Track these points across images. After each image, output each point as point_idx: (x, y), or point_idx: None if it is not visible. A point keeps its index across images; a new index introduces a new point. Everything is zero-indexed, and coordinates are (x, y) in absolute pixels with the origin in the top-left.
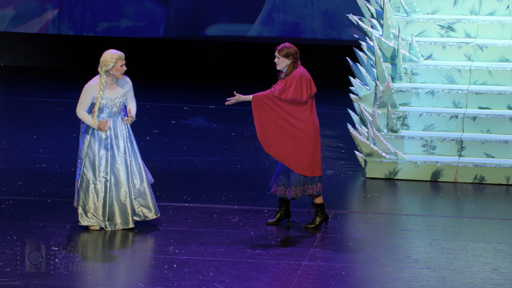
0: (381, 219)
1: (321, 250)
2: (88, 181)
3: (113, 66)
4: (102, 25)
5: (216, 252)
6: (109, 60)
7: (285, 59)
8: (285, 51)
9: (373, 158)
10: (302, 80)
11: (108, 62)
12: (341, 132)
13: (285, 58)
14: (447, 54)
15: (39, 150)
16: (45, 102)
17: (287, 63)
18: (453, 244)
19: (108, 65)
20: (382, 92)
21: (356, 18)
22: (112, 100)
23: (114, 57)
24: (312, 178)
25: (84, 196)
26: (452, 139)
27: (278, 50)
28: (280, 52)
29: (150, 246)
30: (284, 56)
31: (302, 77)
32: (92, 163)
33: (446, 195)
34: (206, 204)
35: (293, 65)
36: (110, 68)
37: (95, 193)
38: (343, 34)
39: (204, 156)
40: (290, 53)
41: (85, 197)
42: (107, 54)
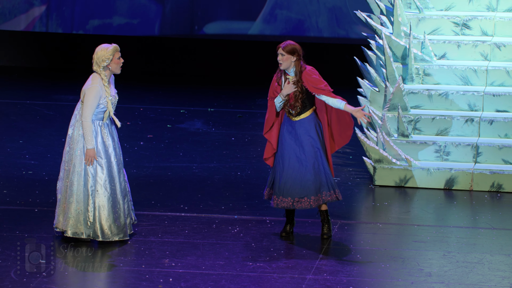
0: (391, 229)
1: (327, 263)
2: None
3: (111, 60)
4: (93, 23)
5: (215, 265)
6: (105, 55)
7: (290, 56)
8: (290, 47)
9: (382, 164)
10: (317, 72)
11: (105, 57)
12: None
13: (290, 55)
14: (462, 53)
15: (25, 156)
16: (32, 105)
17: (293, 61)
18: (469, 256)
19: (106, 60)
20: (392, 94)
21: (365, 15)
22: (115, 98)
23: (110, 50)
24: (333, 182)
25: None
26: (468, 144)
27: (282, 47)
28: (285, 48)
29: (144, 258)
30: (289, 52)
31: (315, 70)
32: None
33: (461, 204)
34: (204, 213)
35: (299, 63)
36: (109, 62)
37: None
38: (350, 32)
39: (202, 163)
40: (295, 50)
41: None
42: (102, 50)
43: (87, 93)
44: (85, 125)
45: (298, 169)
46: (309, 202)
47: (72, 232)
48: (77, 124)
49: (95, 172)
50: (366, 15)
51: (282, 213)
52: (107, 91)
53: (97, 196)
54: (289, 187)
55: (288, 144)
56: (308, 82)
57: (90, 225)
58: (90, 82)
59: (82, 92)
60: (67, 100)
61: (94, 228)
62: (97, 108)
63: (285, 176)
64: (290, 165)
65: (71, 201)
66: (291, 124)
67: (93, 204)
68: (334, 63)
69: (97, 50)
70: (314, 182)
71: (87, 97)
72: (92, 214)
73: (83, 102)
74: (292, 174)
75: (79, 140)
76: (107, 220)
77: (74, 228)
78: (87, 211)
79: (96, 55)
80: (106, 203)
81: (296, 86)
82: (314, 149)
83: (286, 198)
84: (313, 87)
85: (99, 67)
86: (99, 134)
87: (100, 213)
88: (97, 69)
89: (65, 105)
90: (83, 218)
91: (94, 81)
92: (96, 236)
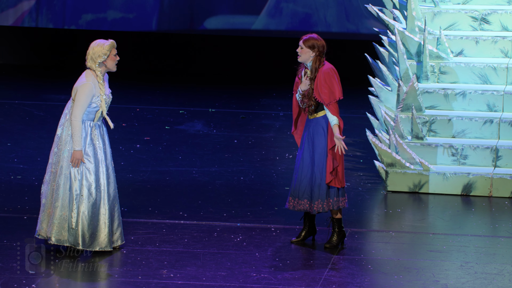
0: (405, 238)
1: (336, 274)
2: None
3: (108, 56)
4: (86, 17)
5: (216, 276)
6: (102, 50)
7: (309, 50)
8: (311, 42)
9: (395, 169)
10: (335, 76)
11: (101, 53)
12: (359, 139)
13: (309, 49)
14: (481, 50)
15: (13, 160)
16: (21, 105)
17: (311, 56)
18: (488, 267)
19: (103, 56)
20: (405, 93)
21: (377, 8)
22: (109, 97)
23: (107, 46)
24: (343, 189)
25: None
26: (487, 147)
27: (304, 39)
28: (305, 42)
29: (141, 269)
30: (309, 47)
31: (333, 72)
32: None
33: (480, 211)
34: (204, 221)
35: (319, 60)
36: (106, 59)
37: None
38: (361, 27)
39: (203, 167)
40: (316, 45)
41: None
42: (97, 46)
43: (79, 90)
44: (74, 124)
45: (312, 170)
46: (322, 205)
47: (56, 239)
48: (66, 124)
49: (81, 175)
50: (378, 9)
51: (288, 221)
52: (101, 89)
53: (81, 201)
54: (304, 188)
55: (305, 143)
56: (316, 84)
57: (72, 232)
58: (83, 79)
59: (73, 90)
60: (58, 100)
61: (76, 235)
62: (89, 107)
63: (299, 177)
64: (304, 166)
65: (57, 206)
66: (308, 122)
67: (77, 210)
68: (343, 61)
69: (93, 46)
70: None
71: (79, 95)
72: (75, 220)
73: (74, 100)
74: (307, 175)
75: (68, 141)
76: (88, 227)
77: (58, 234)
78: (71, 216)
79: (91, 51)
80: (89, 210)
81: (310, 83)
82: (323, 150)
83: (302, 200)
84: (317, 92)
85: (95, 63)
86: (88, 135)
87: (83, 220)
88: (92, 65)
89: (56, 105)
90: (67, 224)
91: (87, 78)
92: (76, 243)
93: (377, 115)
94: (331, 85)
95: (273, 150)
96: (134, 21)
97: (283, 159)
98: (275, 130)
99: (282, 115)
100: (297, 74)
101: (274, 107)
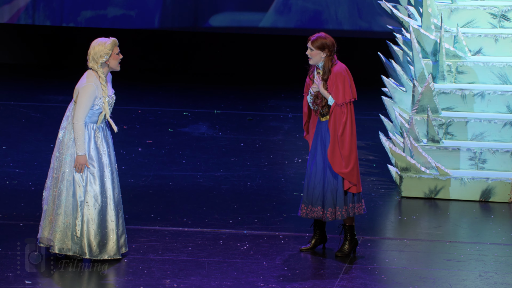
0: (420, 246)
1: (348, 284)
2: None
3: (110, 56)
4: (85, 14)
5: (222, 286)
6: (104, 50)
7: (319, 51)
8: (319, 42)
9: (410, 173)
10: (347, 77)
11: (103, 52)
12: (372, 142)
13: (319, 51)
14: (500, 49)
15: (9, 164)
16: (17, 106)
17: (322, 57)
18: (508, 277)
19: (104, 56)
20: (421, 94)
21: (390, 5)
22: (112, 98)
23: (108, 45)
24: (359, 194)
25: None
26: (506, 151)
27: (312, 40)
28: (313, 43)
29: (143, 278)
30: (318, 48)
31: (345, 73)
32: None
33: (499, 218)
34: (209, 228)
35: (330, 60)
36: (108, 58)
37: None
38: (374, 25)
39: (208, 171)
40: (325, 45)
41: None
42: (98, 45)
43: (81, 92)
44: (77, 128)
45: (324, 175)
46: (336, 212)
47: (58, 248)
48: (68, 127)
49: (85, 181)
50: (392, 6)
51: (297, 228)
52: (104, 90)
53: (86, 208)
54: (317, 195)
55: (318, 147)
56: (329, 86)
57: (77, 240)
58: (85, 80)
59: (75, 91)
60: (56, 101)
61: (81, 244)
62: (92, 109)
63: (312, 182)
64: (318, 171)
65: (59, 213)
66: (319, 125)
67: (81, 217)
68: (355, 60)
69: (94, 45)
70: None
71: (81, 97)
72: (80, 228)
73: (76, 102)
74: (320, 180)
75: (70, 145)
76: (96, 235)
77: (61, 243)
78: (75, 224)
79: (93, 50)
80: (96, 217)
81: (323, 84)
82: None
83: (315, 207)
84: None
85: (97, 63)
86: (92, 139)
87: (88, 228)
88: (94, 65)
89: (54, 106)
90: (71, 232)
91: (89, 79)
92: (83, 253)
93: (391, 117)
94: (345, 84)
95: (282, 153)
96: (135, 18)
97: (292, 163)
98: (283, 132)
99: (291, 117)
100: (308, 74)
101: (283, 109)
